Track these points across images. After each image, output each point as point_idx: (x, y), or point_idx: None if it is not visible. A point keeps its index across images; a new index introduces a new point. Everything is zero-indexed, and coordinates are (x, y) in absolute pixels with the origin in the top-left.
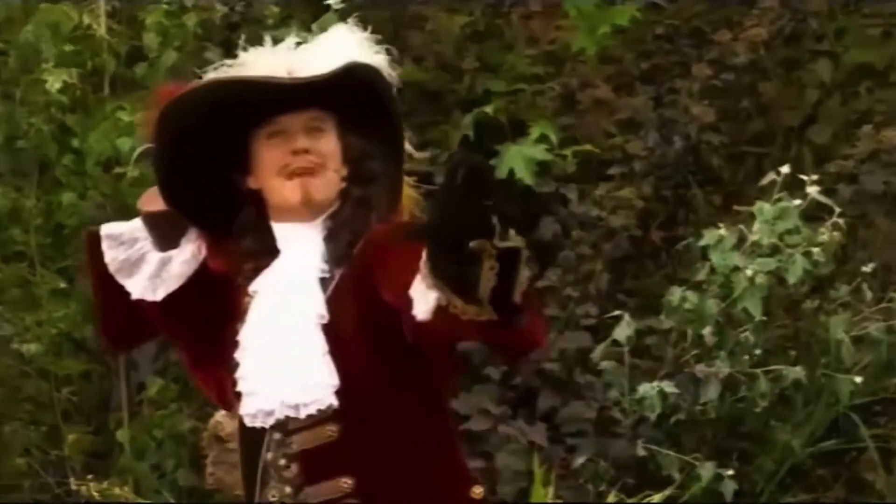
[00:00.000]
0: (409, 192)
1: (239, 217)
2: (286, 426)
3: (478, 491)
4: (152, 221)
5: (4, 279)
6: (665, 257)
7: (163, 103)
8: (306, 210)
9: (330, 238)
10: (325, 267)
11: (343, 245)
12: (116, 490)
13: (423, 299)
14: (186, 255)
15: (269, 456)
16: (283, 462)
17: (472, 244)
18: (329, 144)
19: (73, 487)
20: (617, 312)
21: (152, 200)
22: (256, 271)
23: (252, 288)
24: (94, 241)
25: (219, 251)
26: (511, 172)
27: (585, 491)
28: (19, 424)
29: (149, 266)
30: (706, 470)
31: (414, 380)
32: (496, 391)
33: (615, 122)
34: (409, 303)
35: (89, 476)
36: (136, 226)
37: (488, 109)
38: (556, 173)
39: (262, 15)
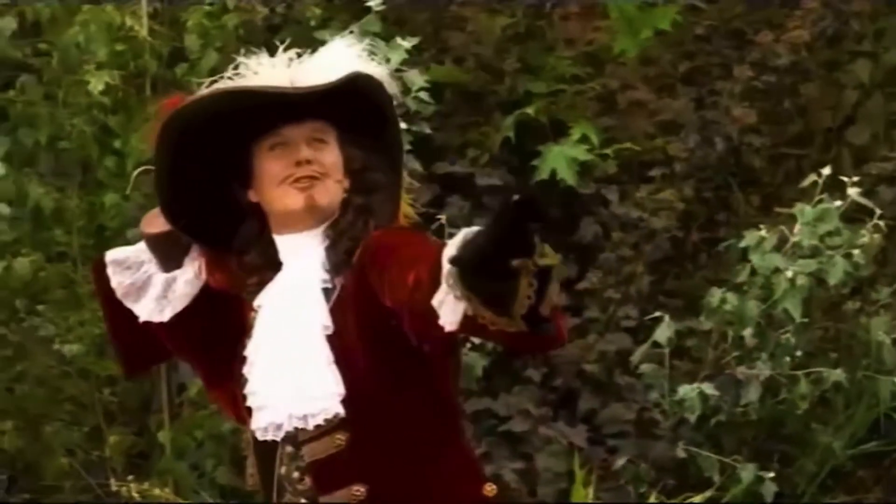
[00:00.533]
0: (407, 209)
1: (240, 231)
2: (296, 438)
3: (489, 488)
4: (155, 243)
5: (48, 279)
6: (706, 259)
7: (165, 117)
8: (309, 217)
9: (330, 247)
10: (327, 277)
11: (341, 252)
12: (157, 491)
13: (451, 310)
14: (189, 275)
15: (283, 470)
16: (296, 475)
17: (514, 263)
18: (331, 156)
19: (114, 488)
20: (657, 314)
21: (154, 222)
22: (260, 285)
23: (257, 303)
24: (100, 268)
25: (219, 267)
26: (553, 173)
27: (626, 492)
28: (61, 425)
29: (155, 288)
30: (747, 472)
31: (416, 382)
32: (537, 393)
33: (656, 123)
34: (431, 313)
35: (130, 477)
36: (140, 249)
37: (529, 110)
38: (597, 175)
39: (304, 16)
